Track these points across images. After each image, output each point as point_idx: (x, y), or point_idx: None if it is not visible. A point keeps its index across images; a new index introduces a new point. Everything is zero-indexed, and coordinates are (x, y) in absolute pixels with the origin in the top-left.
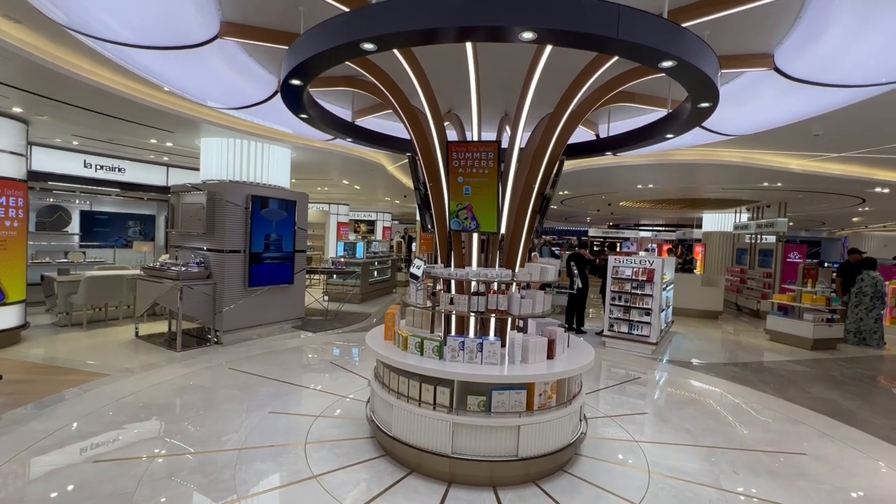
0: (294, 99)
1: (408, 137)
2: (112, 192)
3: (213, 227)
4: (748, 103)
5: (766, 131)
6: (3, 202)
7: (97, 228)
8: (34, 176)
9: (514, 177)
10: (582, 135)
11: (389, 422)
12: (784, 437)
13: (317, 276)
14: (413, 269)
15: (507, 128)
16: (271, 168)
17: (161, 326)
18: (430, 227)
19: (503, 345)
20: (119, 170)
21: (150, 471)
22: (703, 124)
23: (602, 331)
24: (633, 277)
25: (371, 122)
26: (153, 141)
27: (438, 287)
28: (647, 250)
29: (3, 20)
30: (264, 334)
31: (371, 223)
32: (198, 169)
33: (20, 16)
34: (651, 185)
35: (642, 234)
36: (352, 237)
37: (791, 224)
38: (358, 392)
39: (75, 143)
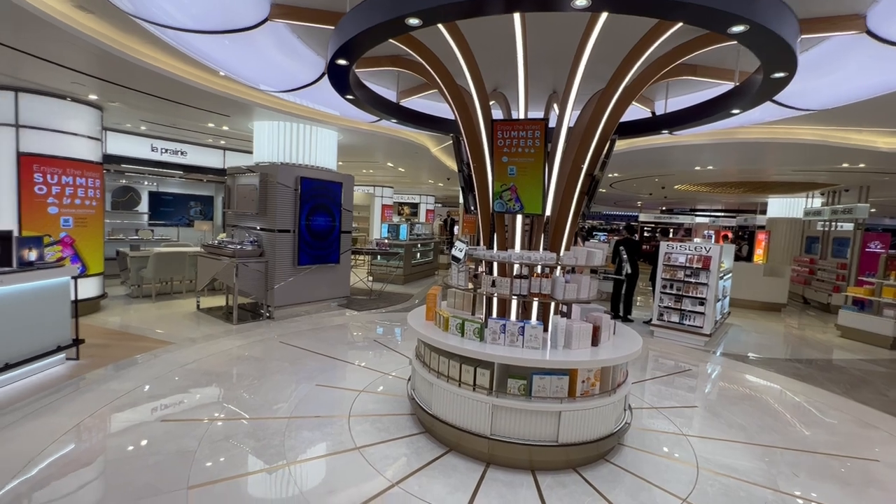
0: (340, 79)
1: (452, 118)
2: (176, 174)
3: (266, 207)
4: (832, 73)
5: (850, 105)
6: (82, 183)
7: (163, 208)
8: (108, 159)
9: (562, 157)
10: (636, 112)
11: (430, 400)
12: (853, 440)
13: (361, 257)
14: (455, 252)
15: (555, 106)
16: (319, 150)
17: (219, 300)
18: (472, 208)
19: (545, 329)
20: (181, 153)
21: (209, 432)
22: (776, 98)
23: (650, 320)
24: (687, 265)
25: (415, 103)
26: (211, 125)
27: (480, 269)
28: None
29: (77, 11)
30: (312, 311)
31: (414, 206)
32: (251, 152)
33: (92, 6)
34: (711, 167)
35: (698, 219)
36: (395, 219)
37: (873, 210)
38: (400, 370)
39: (143, 128)
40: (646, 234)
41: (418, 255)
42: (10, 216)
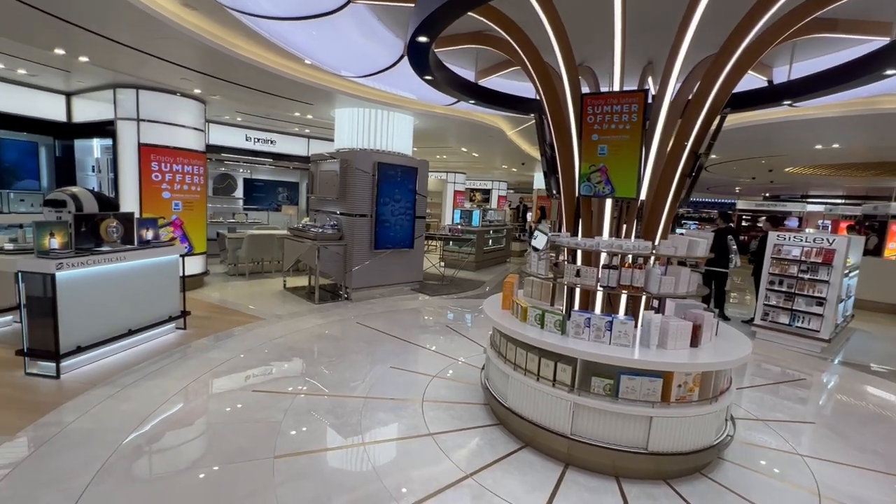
0: (420, 59)
1: (533, 97)
2: (266, 161)
3: (345, 192)
4: None
5: None
6: (189, 170)
7: (255, 194)
8: (210, 148)
9: (662, 133)
10: (748, 81)
11: (505, 392)
12: None
13: (434, 242)
14: (535, 242)
15: (650, 79)
16: (395, 136)
17: (303, 281)
18: (555, 192)
19: (636, 325)
20: (271, 142)
21: (293, 405)
22: None
23: (751, 319)
24: (804, 259)
25: (494, 83)
26: (297, 114)
27: (561, 257)
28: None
29: (184, 8)
30: (386, 294)
31: (486, 192)
32: (332, 139)
33: (196, 2)
34: (836, 146)
35: (810, 207)
36: (467, 205)
37: None
38: (472, 357)
39: (239, 119)
40: (744, 223)
41: (490, 241)
42: (133, 200)
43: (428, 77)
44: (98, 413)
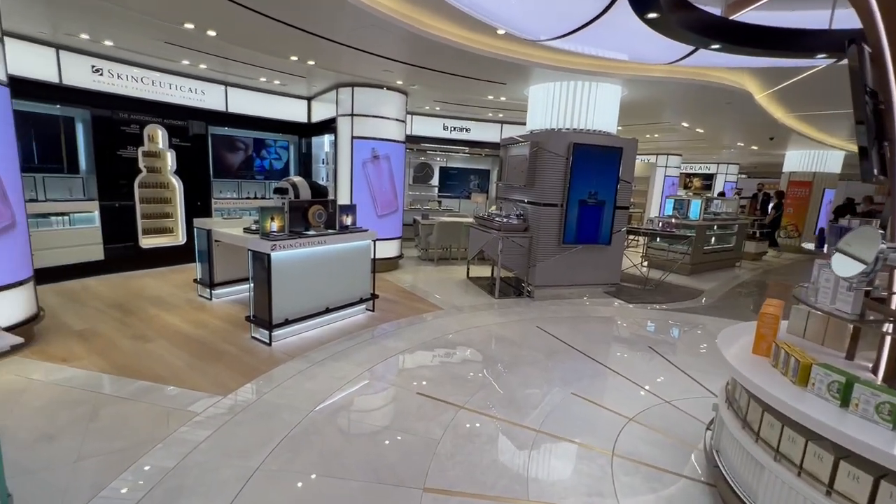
0: None
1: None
2: (461, 150)
3: (534, 178)
4: None
5: None
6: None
7: (449, 182)
8: (411, 139)
9: None
10: None
11: (753, 487)
12: None
13: (636, 238)
14: (838, 268)
15: None
16: (597, 111)
17: (485, 271)
18: (876, 172)
19: None
20: (466, 130)
21: (455, 421)
22: None
23: None
24: None
25: (749, 18)
26: (490, 97)
27: (878, 285)
28: None
29: None
30: (574, 295)
31: (708, 177)
32: (525, 124)
33: None
34: None
35: None
36: (681, 193)
37: None
38: (683, 397)
39: (437, 108)
40: None
41: (713, 239)
42: (346, 188)
43: (653, 15)
44: (287, 388)
